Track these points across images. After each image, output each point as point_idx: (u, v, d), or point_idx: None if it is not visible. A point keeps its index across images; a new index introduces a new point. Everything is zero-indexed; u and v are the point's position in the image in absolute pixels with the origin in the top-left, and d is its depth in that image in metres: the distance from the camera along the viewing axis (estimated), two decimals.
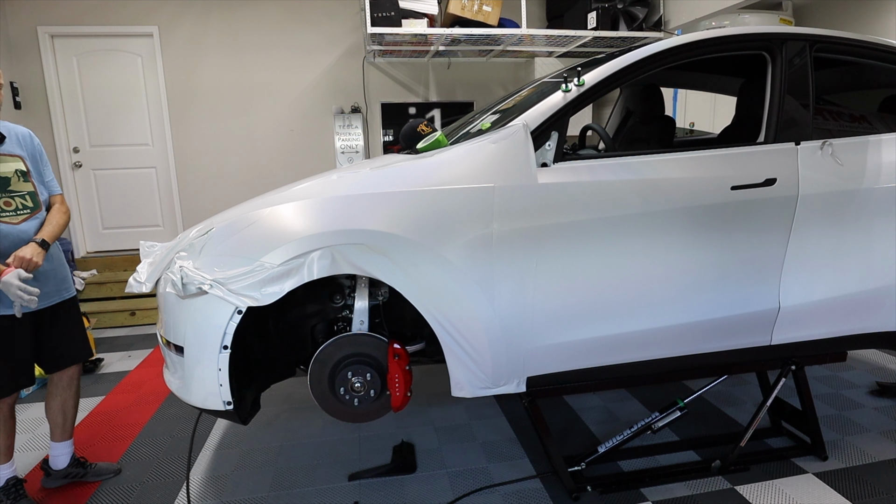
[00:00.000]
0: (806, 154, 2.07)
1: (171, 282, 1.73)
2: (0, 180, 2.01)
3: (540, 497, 2.19)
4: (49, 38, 4.93)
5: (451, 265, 1.78)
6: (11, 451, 2.19)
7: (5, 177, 2.03)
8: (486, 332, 1.86)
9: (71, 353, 2.26)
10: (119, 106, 5.16)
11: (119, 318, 4.69)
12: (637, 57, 2.00)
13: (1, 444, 2.14)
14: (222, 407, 1.83)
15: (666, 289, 1.99)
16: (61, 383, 2.28)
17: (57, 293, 2.18)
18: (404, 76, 5.62)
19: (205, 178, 5.38)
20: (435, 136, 2.02)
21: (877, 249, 2.15)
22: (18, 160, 2.09)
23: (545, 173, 1.86)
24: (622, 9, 4.88)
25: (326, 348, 1.92)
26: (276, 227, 1.76)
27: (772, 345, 2.17)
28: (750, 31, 2.16)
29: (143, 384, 3.44)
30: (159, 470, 2.46)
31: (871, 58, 2.28)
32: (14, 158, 2.07)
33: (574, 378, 2.05)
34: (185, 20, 5.10)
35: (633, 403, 2.97)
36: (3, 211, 2.01)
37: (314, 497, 2.23)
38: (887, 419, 2.70)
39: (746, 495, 2.16)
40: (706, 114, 4.87)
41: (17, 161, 2.08)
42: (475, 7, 4.61)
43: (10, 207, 2.03)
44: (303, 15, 5.29)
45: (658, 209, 1.93)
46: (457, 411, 2.94)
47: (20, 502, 2.16)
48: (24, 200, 2.07)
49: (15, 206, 2.04)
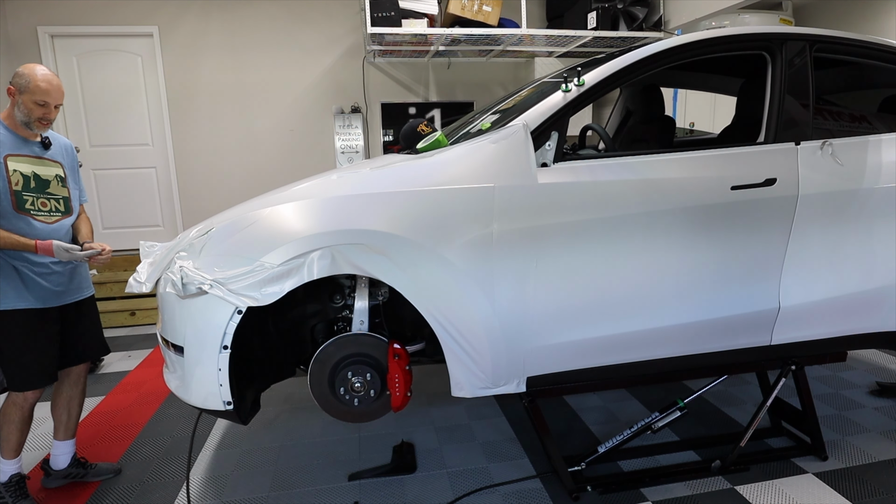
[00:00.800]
0: (806, 154, 2.07)
1: (171, 282, 1.73)
2: (41, 182, 2.16)
3: (540, 497, 2.19)
4: (49, 38, 4.93)
5: (452, 265, 1.78)
6: (20, 449, 2.21)
7: (46, 179, 2.18)
8: (486, 332, 1.86)
9: (93, 349, 2.38)
10: (119, 106, 5.16)
11: (119, 318, 4.69)
12: (637, 57, 2.00)
13: (13, 439, 2.17)
14: (222, 407, 1.83)
15: (666, 289, 1.99)
16: (69, 379, 2.32)
17: (79, 290, 2.28)
18: (404, 76, 5.62)
19: (205, 178, 5.38)
20: (435, 136, 2.02)
21: (877, 249, 2.15)
22: (59, 167, 2.24)
23: (545, 173, 1.86)
24: (622, 9, 4.88)
25: (326, 348, 1.92)
26: (276, 227, 1.76)
27: (772, 345, 2.17)
28: (750, 31, 2.16)
29: (143, 384, 3.44)
30: (159, 470, 2.46)
31: (871, 58, 2.28)
32: (56, 164, 2.23)
33: (574, 378, 2.05)
34: (184, 20, 5.10)
35: (633, 403, 2.97)
36: (40, 210, 2.14)
37: (314, 497, 2.23)
38: (887, 419, 2.70)
39: (746, 495, 2.16)
40: (706, 114, 4.87)
41: (57, 167, 2.23)
42: (475, 7, 4.61)
43: (46, 208, 2.16)
44: (303, 15, 5.29)
45: (658, 209, 1.93)
46: (457, 411, 2.94)
47: (21, 501, 2.16)
48: (58, 204, 2.20)
49: (50, 208, 2.17)
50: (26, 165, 2.10)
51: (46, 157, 2.19)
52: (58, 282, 2.16)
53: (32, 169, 2.12)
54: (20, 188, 2.07)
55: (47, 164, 2.18)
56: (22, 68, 2.06)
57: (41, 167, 2.15)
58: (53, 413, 2.32)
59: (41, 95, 2.05)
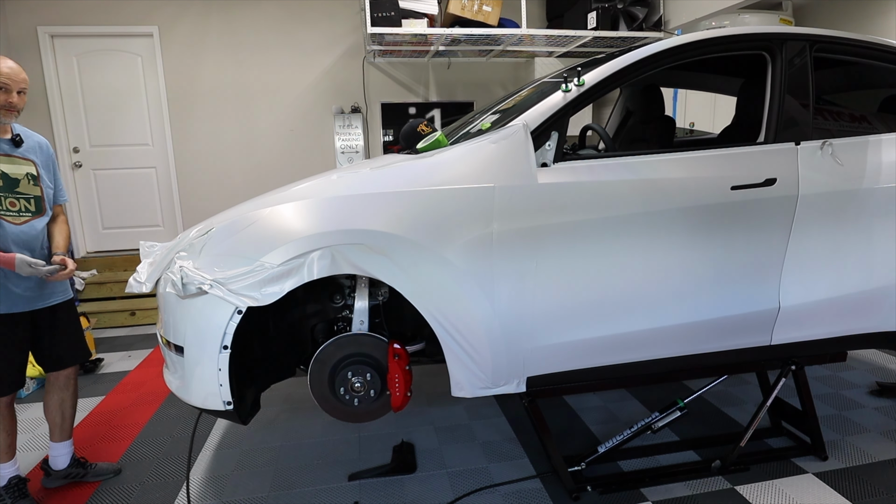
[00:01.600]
0: (806, 154, 2.07)
1: (171, 282, 1.73)
2: (10, 181, 2.08)
3: (540, 497, 2.19)
4: (49, 38, 4.93)
5: (452, 265, 1.78)
6: (13, 450, 2.20)
7: (16, 178, 2.10)
8: (486, 332, 1.86)
9: (69, 355, 2.29)
10: (119, 106, 5.16)
11: (119, 318, 4.69)
12: (637, 57, 2.00)
13: (1, 442, 2.16)
14: (222, 407, 1.83)
15: (666, 289, 1.99)
16: (58, 383, 2.28)
17: (52, 295, 2.20)
18: (404, 76, 5.62)
19: (205, 178, 5.38)
20: (435, 136, 2.02)
21: (877, 249, 2.15)
22: (31, 165, 2.16)
23: (545, 173, 1.86)
24: (622, 9, 4.88)
25: (326, 348, 1.92)
26: (276, 227, 1.76)
27: (772, 345, 2.17)
28: (750, 31, 2.16)
29: (143, 384, 3.44)
30: (159, 470, 2.46)
31: (871, 58, 2.28)
32: (27, 162, 2.15)
33: (574, 378, 2.05)
34: (184, 20, 5.10)
35: (633, 403, 2.97)
36: (8, 211, 2.06)
37: (314, 497, 2.23)
38: (887, 419, 2.70)
39: (746, 495, 2.16)
40: (706, 114, 4.87)
41: (29, 165, 2.15)
42: (475, 7, 4.61)
43: (15, 208, 2.09)
44: (303, 15, 5.29)
45: (658, 209, 1.93)
46: (457, 411, 2.94)
47: (21, 501, 2.16)
48: (28, 204, 2.13)
49: (19, 208, 2.10)
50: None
51: (16, 154, 2.11)
52: (26, 286, 2.08)
53: (1, 168, 2.05)
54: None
55: (17, 161, 2.10)
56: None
57: (10, 165, 2.08)
58: (47, 416, 2.30)
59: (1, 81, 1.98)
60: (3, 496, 2.15)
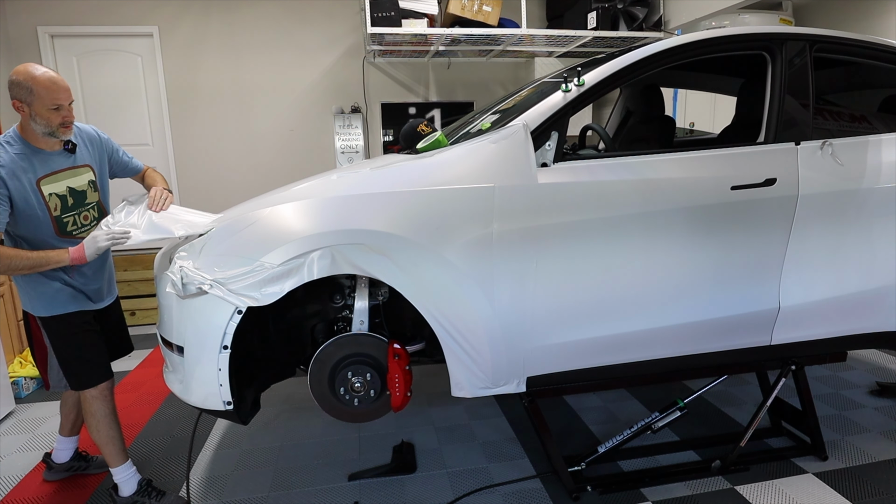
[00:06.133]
0: (806, 154, 2.07)
1: (172, 282, 1.73)
2: (78, 195, 1.97)
3: (540, 497, 2.19)
4: (49, 38, 4.93)
5: (452, 265, 1.78)
6: (125, 450, 2.15)
7: (82, 190, 1.99)
8: (486, 332, 1.86)
9: (124, 346, 2.33)
10: (119, 106, 5.16)
11: None
12: (637, 57, 2.00)
13: (112, 436, 2.09)
14: (222, 407, 1.83)
15: (666, 289, 1.99)
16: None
17: (111, 292, 2.22)
18: (404, 76, 5.62)
19: (205, 178, 5.37)
20: (435, 136, 2.02)
21: (877, 249, 2.15)
22: (89, 170, 2.04)
23: (545, 173, 1.86)
24: (622, 9, 4.88)
25: (326, 348, 1.92)
26: (276, 227, 1.76)
27: (772, 345, 2.17)
28: (750, 31, 2.16)
29: (143, 384, 3.44)
30: (159, 470, 2.46)
31: (871, 58, 2.28)
32: (86, 169, 2.02)
33: (574, 378, 2.05)
34: (184, 20, 5.10)
35: (633, 403, 2.97)
36: (82, 227, 1.98)
37: (314, 497, 2.23)
38: (887, 419, 2.70)
39: (746, 495, 2.16)
40: (706, 114, 4.86)
41: (87, 171, 2.03)
42: (475, 7, 4.60)
43: (87, 221, 2.01)
44: (303, 15, 5.29)
45: (658, 209, 1.93)
46: (457, 411, 2.94)
47: (162, 500, 2.13)
48: (94, 212, 2.05)
49: (90, 220, 2.02)
50: (59, 183, 1.92)
51: (77, 165, 1.98)
52: (96, 289, 2.07)
53: (66, 184, 1.93)
54: (59, 212, 1.91)
55: (78, 172, 1.98)
56: (15, 75, 1.77)
57: (73, 178, 1.96)
58: (62, 410, 2.32)
59: (51, 100, 1.79)
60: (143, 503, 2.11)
